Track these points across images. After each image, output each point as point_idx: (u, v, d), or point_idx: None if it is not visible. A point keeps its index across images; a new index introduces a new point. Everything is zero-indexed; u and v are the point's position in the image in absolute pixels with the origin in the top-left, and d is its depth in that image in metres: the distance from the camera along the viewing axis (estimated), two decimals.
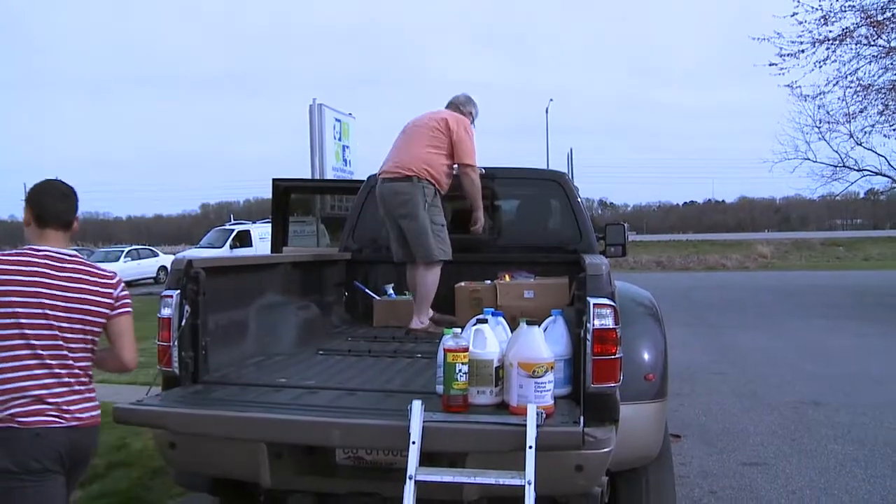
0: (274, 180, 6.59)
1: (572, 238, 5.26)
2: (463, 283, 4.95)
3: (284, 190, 6.65)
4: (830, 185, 29.03)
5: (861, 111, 19.90)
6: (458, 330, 2.72)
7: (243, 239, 26.02)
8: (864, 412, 6.47)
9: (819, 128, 23.53)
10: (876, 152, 27.13)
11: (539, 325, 2.67)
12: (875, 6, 17.47)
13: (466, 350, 2.63)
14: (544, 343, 2.62)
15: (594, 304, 2.75)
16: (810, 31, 18.37)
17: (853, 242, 46.20)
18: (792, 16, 18.31)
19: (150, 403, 2.79)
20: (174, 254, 30.93)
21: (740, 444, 5.54)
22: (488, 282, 4.92)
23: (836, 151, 27.11)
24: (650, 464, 3.41)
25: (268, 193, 6.76)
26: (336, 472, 2.93)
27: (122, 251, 29.46)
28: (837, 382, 7.76)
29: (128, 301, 2.75)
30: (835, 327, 12.56)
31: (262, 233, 26.07)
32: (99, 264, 2.82)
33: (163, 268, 30.03)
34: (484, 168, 5.17)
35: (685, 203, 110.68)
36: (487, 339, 2.71)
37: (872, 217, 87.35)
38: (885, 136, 20.58)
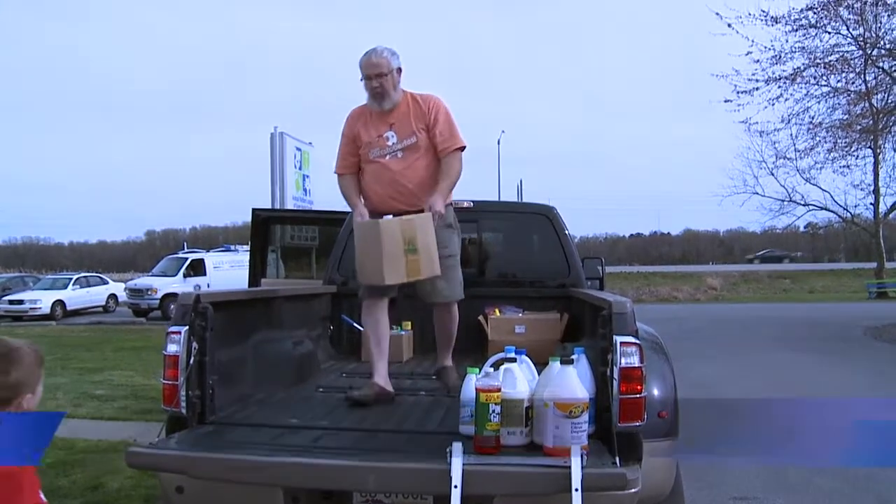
0: (254, 210, 6.49)
1: (561, 272, 5.28)
2: None
3: (264, 220, 6.55)
4: (778, 218, 30.00)
5: (812, 148, 20.64)
6: (490, 368, 2.66)
7: (197, 268, 25.45)
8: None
9: (767, 163, 24.28)
10: (821, 188, 28.09)
11: (572, 364, 2.62)
12: (820, 49, 18.24)
13: (499, 390, 2.57)
14: (580, 382, 2.58)
15: (621, 343, 2.74)
16: (764, 70, 19.09)
17: (798, 275, 47.50)
18: (747, 55, 19.01)
19: (169, 448, 2.65)
20: (123, 281, 30.18)
21: (726, 478, 5.54)
22: None
23: (784, 186, 28.00)
24: (664, 500, 3.38)
25: (216, 222, 6.69)
26: None
27: (71, 279, 28.33)
28: None
29: None
30: (796, 360, 12.78)
31: (216, 262, 25.68)
32: None
33: (112, 296, 29.11)
34: (472, 201, 5.14)
35: (632, 235, 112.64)
36: (517, 378, 2.66)
37: (812, 250, 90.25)
38: (834, 172, 21.38)
